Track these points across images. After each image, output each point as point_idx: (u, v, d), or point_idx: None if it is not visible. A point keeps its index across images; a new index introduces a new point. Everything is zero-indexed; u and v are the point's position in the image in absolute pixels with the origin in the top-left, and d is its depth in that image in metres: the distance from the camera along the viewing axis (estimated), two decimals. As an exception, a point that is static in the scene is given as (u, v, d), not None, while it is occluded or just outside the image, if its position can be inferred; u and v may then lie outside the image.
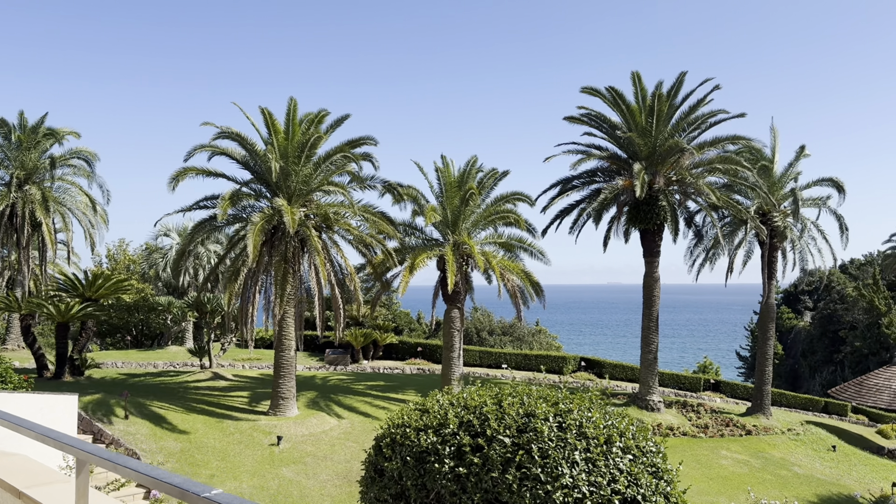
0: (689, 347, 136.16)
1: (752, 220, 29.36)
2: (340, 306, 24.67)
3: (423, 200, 27.80)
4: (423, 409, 9.58)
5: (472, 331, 49.20)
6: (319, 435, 22.15)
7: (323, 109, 23.80)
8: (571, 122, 30.48)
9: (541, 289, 28.75)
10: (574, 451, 8.22)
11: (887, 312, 53.12)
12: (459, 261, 26.72)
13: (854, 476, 24.46)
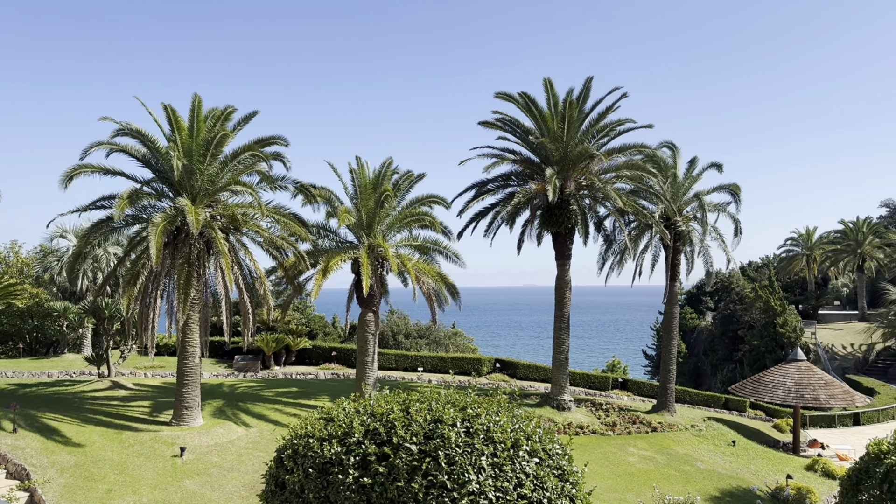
0: (598, 347, 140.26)
1: (657, 224, 30.38)
2: (249, 311, 23.88)
3: (337, 202, 27.34)
4: (328, 418, 9.29)
5: (388, 334, 48.86)
6: (226, 445, 21.35)
7: (229, 106, 23.01)
8: (486, 127, 30.71)
9: (456, 291, 28.81)
10: (481, 456, 8.14)
11: (782, 312, 56.18)
12: (374, 263, 26.42)
13: (752, 469, 25.63)
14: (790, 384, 31.12)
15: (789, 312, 56.93)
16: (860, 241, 74.39)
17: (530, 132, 29.88)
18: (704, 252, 34.45)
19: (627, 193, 30.65)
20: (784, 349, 53.73)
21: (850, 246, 75.08)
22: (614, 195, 28.40)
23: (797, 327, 56.55)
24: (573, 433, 26.84)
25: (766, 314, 56.77)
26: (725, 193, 33.77)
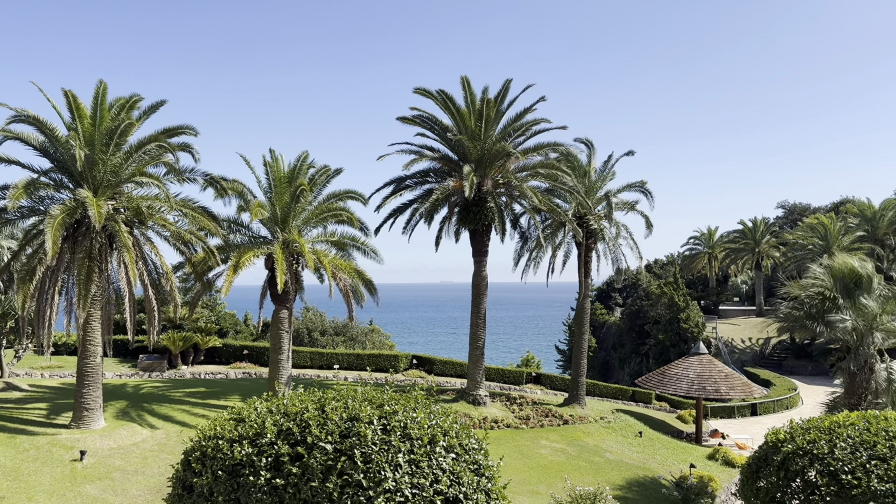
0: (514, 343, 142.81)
1: (570, 222, 31.12)
2: (155, 308, 22.90)
3: (250, 196, 26.58)
4: (239, 419, 9.01)
5: (304, 331, 48.03)
6: (130, 448, 20.42)
7: (135, 94, 21.97)
8: (404, 123, 30.62)
9: (374, 287, 28.58)
10: (398, 453, 8.08)
11: (685, 308, 58.78)
12: (289, 259, 25.86)
13: (658, 459, 26.66)
14: (693, 377, 32.52)
15: (692, 308, 59.61)
16: (758, 241, 78.72)
17: (449, 129, 29.97)
18: (615, 249, 35.53)
19: (543, 192, 31.23)
20: (687, 343, 56.22)
21: (749, 245, 79.35)
22: (530, 193, 28.88)
23: (699, 322, 59.30)
24: (488, 427, 27.16)
25: (670, 310, 59.21)
26: (636, 192, 34.95)
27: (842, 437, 9.11)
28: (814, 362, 57.47)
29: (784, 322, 25.15)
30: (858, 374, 22.29)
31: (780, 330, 26.32)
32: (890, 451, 8.76)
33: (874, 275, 23.25)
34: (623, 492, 21.27)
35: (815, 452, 9.01)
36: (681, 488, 20.84)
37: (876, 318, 22.20)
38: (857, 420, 9.53)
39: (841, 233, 64.74)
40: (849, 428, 9.31)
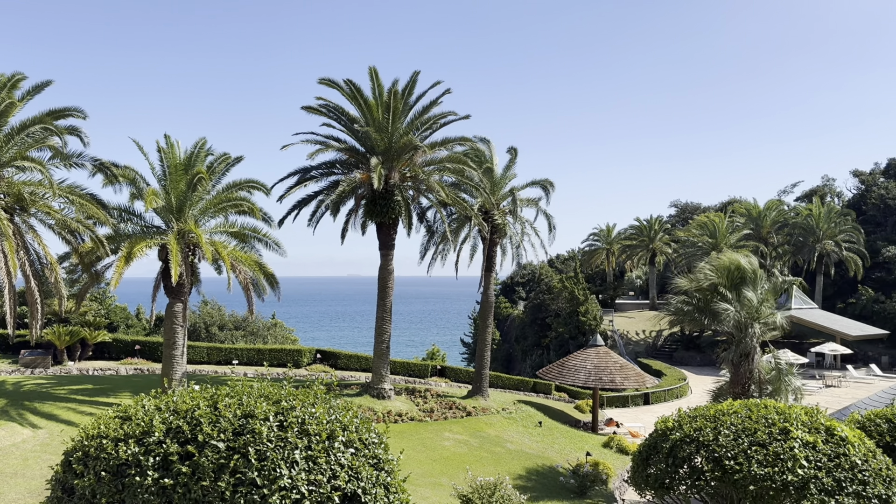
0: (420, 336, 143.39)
1: (476, 217, 31.45)
2: (38, 300, 21.45)
3: (143, 183, 25.31)
4: (125, 417, 8.53)
5: (201, 326, 46.31)
6: (8, 448, 19.03)
7: (18, 73, 20.48)
8: (310, 113, 29.99)
9: (276, 281, 27.90)
10: (294, 450, 7.87)
11: (585, 302, 60.70)
12: (185, 250, 24.82)
13: (556, 448, 27.41)
14: (590, 368, 33.64)
15: (591, 302, 61.65)
16: (652, 238, 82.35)
17: (356, 121, 29.61)
18: (518, 244, 36.21)
19: (450, 186, 31.39)
20: (586, 335, 58.08)
21: (644, 242, 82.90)
22: (437, 187, 28.96)
23: (597, 315, 61.43)
24: (392, 421, 27.09)
25: (570, 303, 61.01)
26: (538, 188, 35.72)
27: (725, 425, 9.60)
28: (702, 353, 60.69)
29: (675, 315, 26.37)
30: (742, 364, 23.65)
31: (672, 323, 27.60)
32: (769, 437, 9.29)
33: (759, 270, 24.74)
34: (523, 481, 21.72)
35: (700, 440, 9.45)
36: (577, 476, 21.49)
37: (758, 311, 23.65)
38: (739, 408, 10.07)
39: (728, 231, 68.66)
40: (732, 416, 9.82)
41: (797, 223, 71.54)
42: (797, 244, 70.90)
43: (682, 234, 77.16)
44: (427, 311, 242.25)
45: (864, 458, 9.43)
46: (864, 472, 9.21)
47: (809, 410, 10.13)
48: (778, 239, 73.19)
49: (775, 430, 9.39)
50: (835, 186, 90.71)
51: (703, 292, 25.00)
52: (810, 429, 9.53)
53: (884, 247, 70.24)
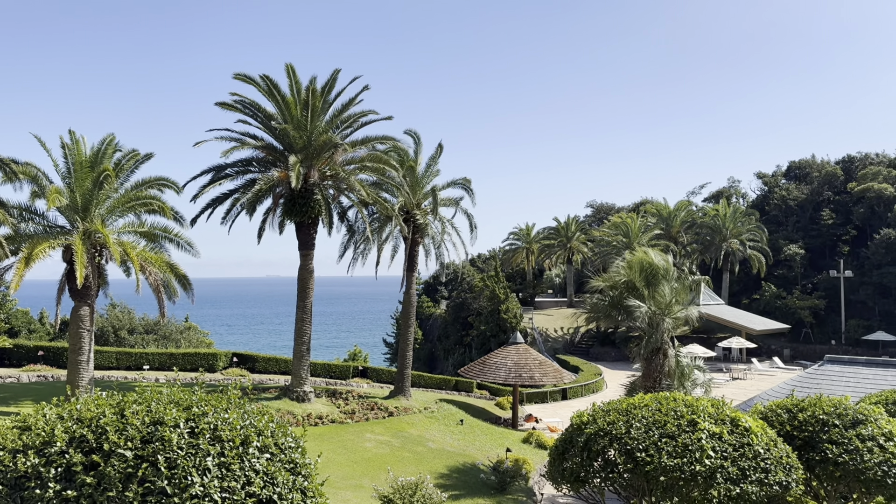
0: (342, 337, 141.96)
1: (397, 217, 31.37)
2: (-75, 306, 19.96)
3: (46, 181, 23.95)
4: (24, 427, 8.03)
5: (109, 330, 44.32)
6: None
7: None
8: (224, 109, 29.13)
9: (189, 282, 26.97)
10: (207, 456, 7.61)
11: (505, 300, 61.59)
12: (91, 251, 23.68)
13: (477, 445, 27.67)
14: (510, 365, 34.15)
15: (511, 300, 62.63)
16: (569, 237, 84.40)
17: (273, 117, 28.99)
18: (440, 244, 36.36)
19: (371, 185, 31.18)
20: (507, 333, 58.92)
21: (562, 241, 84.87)
22: (358, 186, 28.71)
23: (518, 313, 62.46)
24: (313, 424, 26.68)
25: (492, 302, 61.77)
26: (459, 189, 35.96)
27: (637, 418, 9.91)
28: (617, 349, 62.64)
29: (591, 312, 27.08)
30: (654, 358, 24.51)
31: (588, 320, 28.33)
32: (678, 429, 9.65)
33: (670, 267, 25.70)
34: (444, 479, 21.81)
35: (613, 433, 9.72)
36: (497, 472, 21.77)
37: (669, 307, 24.57)
38: (650, 402, 10.41)
39: (641, 230, 71.13)
40: (643, 409, 10.14)
41: (705, 223, 74.83)
42: (705, 243, 74.14)
43: (597, 233, 79.40)
44: (349, 311, 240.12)
45: (767, 447, 9.92)
46: (766, 461, 9.69)
47: (715, 402, 10.59)
48: (687, 238, 76.36)
49: (684, 422, 9.76)
50: (740, 188, 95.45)
51: (617, 290, 25.75)
52: (716, 420, 9.96)
53: (785, 245, 74.37)
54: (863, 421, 11.03)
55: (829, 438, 10.84)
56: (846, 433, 10.80)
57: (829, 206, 77.10)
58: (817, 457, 10.75)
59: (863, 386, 24.91)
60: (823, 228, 75.71)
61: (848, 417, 11.13)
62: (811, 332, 68.09)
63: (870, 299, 67.45)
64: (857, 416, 11.15)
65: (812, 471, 10.95)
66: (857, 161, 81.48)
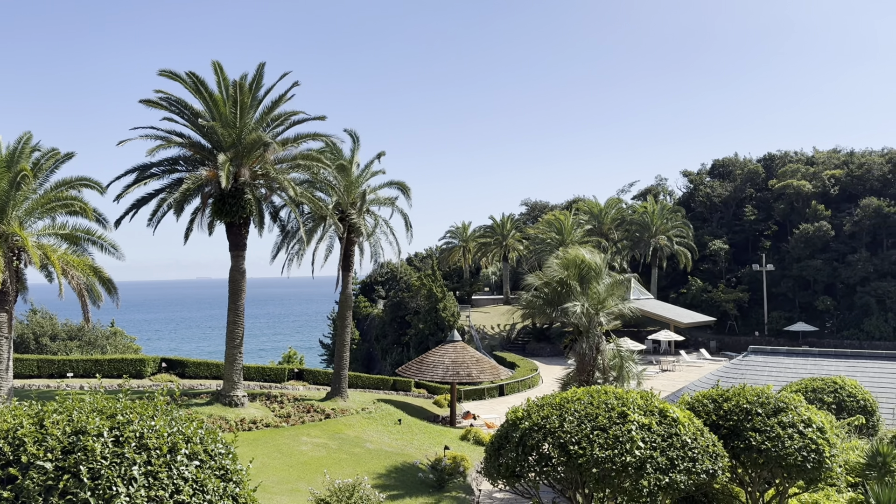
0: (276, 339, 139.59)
1: (331, 216, 31.03)
2: None
3: (-44, 181, 22.71)
4: (-70, 442, 7.57)
5: (30, 337, 42.31)
6: None
7: None
8: (149, 106, 28.20)
9: (114, 286, 26.01)
10: (132, 466, 7.35)
11: (443, 298, 61.80)
12: (9, 255, 22.57)
13: (415, 444, 27.65)
14: (448, 363, 34.27)
15: (449, 298, 62.91)
16: (505, 235, 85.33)
17: (200, 115, 28.25)
18: (376, 244, 36.18)
19: (304, 184, 30.75)
20: (444, 331, 59.14)
21: (498, 239, 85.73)
22: (290, 185, 28.26)
23: (455, 311, 62.77)
24: (246, 429, 26.15)
25: (429, 300, 61.88)
26: (395, 189, 35.85)
27: (570, 412, 10.08)
28: (552, 344, 63.69)
29: (527, 309, 27.45)
30: (587, 353, 25.03)
31: (524, 316, 28.71)
32: (609, 421, 9.86)
33: (603, 264, 26.28)
34: (382, 479, 21.72)
35: (547, 427, 9.86)
36: (436, 470, 21.82)
37: (602, 303, 25.13)
38: (582, 395, 10.61)
39: (574, 227, 72.54)
40: (576, 402, 10.33)
41: (634, 220, 76.89)
42: (634, 239, 76.18)
43: (532, 231, 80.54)
44: (284, 313, 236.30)
45: (694, 436, 10.25)
46: (693, 450, 10.01)
47: (645, 394, 10.88)
48: (618, 234, 78.32)
49: (614, 414, 9.99)
50: (667, 186, 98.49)
51: (551, 287, 26.18)
52: (646, 411, 10.23)
53: (710, 241, 77.11)
54: (784, 409, 11.50)
55: (753, 426, 11.25)
56: (768, 421, 11.23)
57: (752, 202, 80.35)
58: (742, 444, 11.15)
59: (784, 375, 26.09)
60: (746, 224, 78.84)
61: (770, 406, 11.58)
62: (736, 324, 70.83)
63: (790, 291, 70.62)
64: (779, 404, 11.62)
65: (737, 458, 11.35)
66: (777, 159, 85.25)
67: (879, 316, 62.69)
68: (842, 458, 12.42)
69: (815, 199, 72.95)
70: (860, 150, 79.84)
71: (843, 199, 73.23)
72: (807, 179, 75.25)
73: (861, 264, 65.35)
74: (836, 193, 74.18)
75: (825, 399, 18.73)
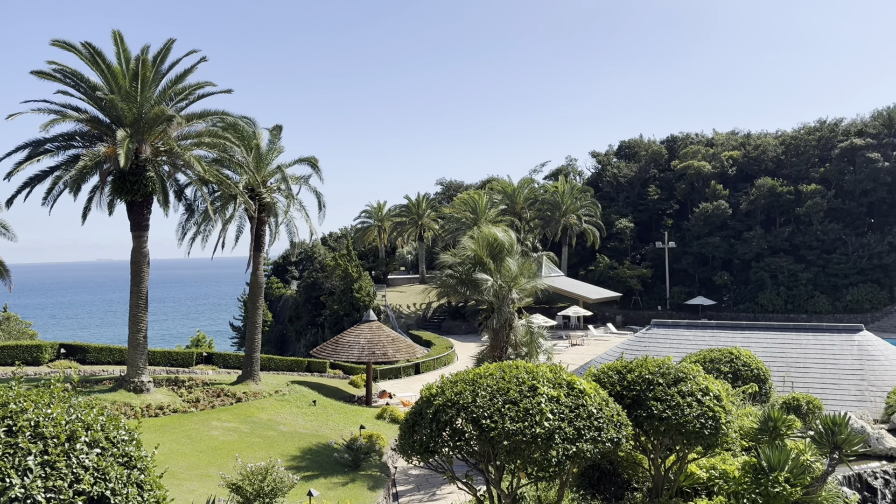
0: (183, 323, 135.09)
1: (241, 195, 30.16)
2: None
3: None
4: None
5: None
6: None
7: None
8: (42, 78, 26.47)
9: (5, 269, 24.64)
10: (27, 456, 6.98)
11: (358, 278, 61.39)
12: None
13: (331, 425, 27.50)
14: (364, 343, 34.18)
15: (364, 278, 62.57)
16: (420, 214, 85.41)
17: (98, 88, 26.76)
18: (289, 223, 35.44)
19: (211, 162, 29.68)
20: (360, 312, 58.85)
21: (413, 218, 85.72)
22: (196, 163, 27.25)
23: (371, 291, 62.53)
24: (153, 415, 25.29)
25: (344, 281, 61.35)
26: (306, 166, 35.16)
27: (482, 387, 10.27)
28: (467, 322, 64.54)
29: (442, 288, 27.62)
30: (500, 329, 25.49)
31: (439, 295, 28.87)
32: (519, 394, 10.11)
33: (515, 242, 26.74)
34: (297, 461, 21.53)
35: (461, 403, 10.01)
36: (351, 450, 21.81)
37: (514, 280, 25.61)
38: (495, 370, 10.81)
39: (488, 206, 73.40)
40: (488, 378, 10.52)
41: (546, 199, 78.54)
42: (546, 218, 77.88)
43: (447, 210, 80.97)
44: (192, 295, 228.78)
45: (599, 407, 10.64)
46: (599, 420, 10.40)
47: (554, 368, 11.20)
48: (530, 213, 79.85)
49: (525, 387, 10.24)
50: (577, 166, 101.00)
51: (465, 266, 26.44)
52: (555, 384, 10.54)
53: (617, 219, 79.81)
54: (683, 378, 12.09)
55: (655, 396, 11.78)
56: (669, 390, 11.79)
57: (656, 182, 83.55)
58: (644, 413, 11.66)
59: (684, 347, 27.48)
60: (650, 203, 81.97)
61: (670, 376, 12.15)
62: (640, 299, 73.85)
63: (691, 267, 74.15)
64: (679, 374, 12.20)
65: (640, 426, 11.87)
66: (679, 141, 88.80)
67: (772, 290, 66.77)
68: (737, 423, 13.22)
69: (715, 179, 76.55)
70: (756, 133, 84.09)
71: (740, 179, 77.15)
72: (707, 160, 78.80)
73: (756, 241, 69.25)
74: (734, 174, 78.03)
75: (722, 369, 19.86)
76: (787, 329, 27.85)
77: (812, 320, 57.64)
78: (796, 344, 26.44)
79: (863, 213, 68.97)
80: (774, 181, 71.41)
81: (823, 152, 73.63)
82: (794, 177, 72.95)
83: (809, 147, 74.48)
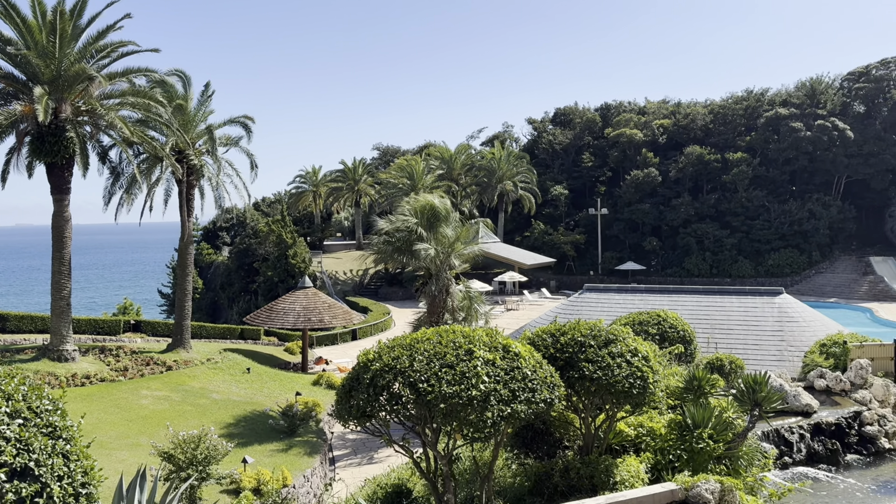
0: (109, 290, 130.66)
1: (168, 157, 29.12)
2: None
3: None
4: None
5: None
6: None
7: None
8: (-52, 29, 24.76)
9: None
10: (-59, 429, 6.66)
11: (293, 245, 60.49)
12: None
13: (265, 392, 27.25)
14: (299, 309, 33.85)
15: (299, 244, 61.69)
16: (357, 180, 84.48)
17: (12, 43, 25.23)
18: (219, 187, 34.46)
19: (135, 122, 28.50)
20: (295, 278, 58.11)
21: (350, 184, 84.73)
22: (119, 123, 26.11)
23: (306, 258, 61.75)
24: (79, 384, 24.51)
25: (279, 247, 60.36)
26: (238, 126, 34.17)
27: (419, 351, 10.32)
28: (404, 288, 64.63)
29: (378, 254, 27.50)
30: (438, 295, 25.62)
31: (376, 261, 28.77)
32: (456, 358, 10.20)
33: (451, 209, 26.76)
34: (231, 429, 21.31)
35: (398, 367, 10.04)
36: (287, 416, 21.69)
37: (451, 246, 25.70)
38: (432, 335, 10.86)
39: (425, 172, 73.18)
40: (425, 343, 10.57)
41: (482, 165, 78.81)
42: (483, 184, 78.24)
43: (384, 176, 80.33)
44: (117, 261, 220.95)
45: (533, 369, 10.85)
46: (532, 381, 10.61)
47: (490, 332, 11.33)
48: (467, 179, 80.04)
49: (462, 351, 10.34)
50: (513, 133, 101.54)
51: (402, 232, 26.36)
52: (490, 348, 10.66)
53: (552, 186, 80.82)
54: (613, 340, 12.42)
55: (586, 357, 12.08)
56: (600, 352, 12.10)
57: (590, 149, 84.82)
58: (576, 374, 11.95)
59: (615, 310, 28.27)
60: (584, 170, 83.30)
61: (601, 338, 12.46)
62: (573, 264, 75.37)
63: (622, 233, 76.00)
64: (609, 336, 12.53)
65: (572, 387, 12.17)
66: (612, 109, 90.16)
67: (698, 255, 69.17)
68: (663, 383, 13.71)
69: (646, 146, 78.25)
70: (686, 101, 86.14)
71: (671, 147, 79.10)
72: (639, 129, 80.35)
73: (683, 208, 71.41)
74: (665, 142, 79.91)
75: (650, 331, 20.54)
76: (711, 292, 29.00)
77: (736, 284, 60.16)
78: (720, 307, 27.58)
79: (785, 180, 71.86)
80: (703, 149, 73.50)
81: (750, 121, 76.11)
82: (721, 145, 75.28)
83: (737, 116, 76.84)
